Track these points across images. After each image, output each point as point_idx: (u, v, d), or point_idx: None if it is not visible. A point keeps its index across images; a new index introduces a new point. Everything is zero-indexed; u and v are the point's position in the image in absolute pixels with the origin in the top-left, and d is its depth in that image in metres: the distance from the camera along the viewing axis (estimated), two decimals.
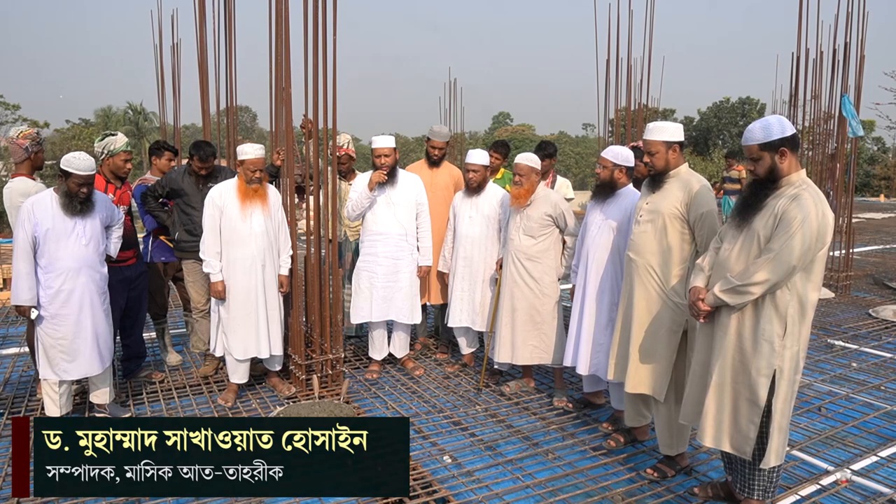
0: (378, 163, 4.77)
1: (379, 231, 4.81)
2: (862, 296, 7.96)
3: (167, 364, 5.25)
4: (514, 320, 4.41)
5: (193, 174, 4.81)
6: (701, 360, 2.99)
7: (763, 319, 2.71)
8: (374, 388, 4.80)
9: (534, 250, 4.35)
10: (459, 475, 3.48)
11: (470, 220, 4.85)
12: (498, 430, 4.08)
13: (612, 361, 3.63)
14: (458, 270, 4.92)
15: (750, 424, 2.73)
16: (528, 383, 4.75)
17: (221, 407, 4.39)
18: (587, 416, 4.29)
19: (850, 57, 7.84)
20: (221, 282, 4.32)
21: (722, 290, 2.77)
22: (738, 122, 46.77)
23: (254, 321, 4.36)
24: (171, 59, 7.20)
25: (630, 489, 3.35)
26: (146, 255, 5.11)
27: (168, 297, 5.43)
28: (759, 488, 2.89)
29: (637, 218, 3.47)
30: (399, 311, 4.86)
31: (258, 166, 4.31)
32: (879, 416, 4.28)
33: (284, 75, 4.48)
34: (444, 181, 5.31)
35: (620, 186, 3.94)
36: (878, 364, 5.37)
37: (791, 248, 2.59)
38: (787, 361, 2.69)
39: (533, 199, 4.36)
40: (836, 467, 3.55)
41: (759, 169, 2.77)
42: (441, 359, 5.40)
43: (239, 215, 4.30)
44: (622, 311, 3.57)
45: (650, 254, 3.37)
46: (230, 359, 4.44)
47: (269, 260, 4.41)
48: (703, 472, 3.54)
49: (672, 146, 3.34)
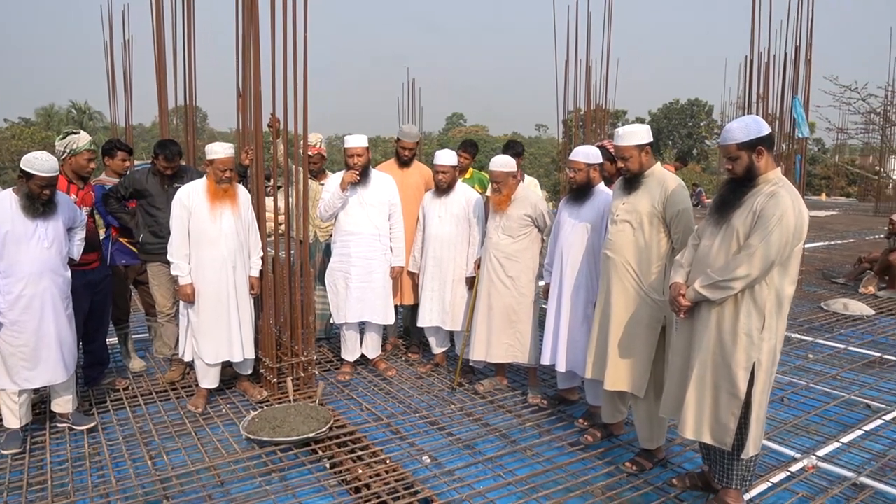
0: (350, 162, 4.73)
1: (352, 231, 4.77)
2: (813, 290, 8.27)
3: (130, 370, 5.10)
4: (491, 318, 4.43)
5: (158, 174, 4.68)
6: (681, 355, 3.06)
7: (742, 313, 2.79)
8: (348, 389, 4.76)
9: (511, 249, 4.38)
10: (440, 474, 3.48)
11: (440, 220, 4.85)
12: (475, 428, 4.10)
13: (589, 360, 3.68)
14: (428, 270, 4.92)
15: (730, 416, 2.81)
16: (501, 381, 4.78)
17: (191, 413, 4.29)
18: (562, 412, 4.34)
19: (801, 61, 8.14)
20: (190, 284, 4.22)
21: (702, 286, 2.84)
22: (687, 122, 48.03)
23: (225, 324, 4.27)
24: (122, 56, 7.02)
25: (609, 483, 3.40)
26: (106, 257, 4.96)
27: (130, 302, 5.27)
28: (737, 477, 2.97)
29: (613, 217, 3.53)
30: (373, 311, 4.83)
31: (228, 165, 4.22)
32: (838, 405, 4.45)
33: (253, 73, 4.40)
34: (415, 181, 5.30)
35: (595, 185, 4.01)
36: (833, 355, 5.59)
37: (769, 243, 2.68)
38: (766, 354, 2.78)
39: (513, 199, 4.40)
40: (803, 454, 3.69)
41: (737, 167, 2.85)
42: (413, 359, 5.39)
43: (208, 216, 4.21)
44: (600, 309, 3.62)
45: (628, 252, 3.43)
46: (200, 363, 4.34)
47: (240, 261, 4.33)
48: (679, 463, 3.63)
49: (644, 148, 3.42)
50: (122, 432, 4.00)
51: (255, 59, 4.38)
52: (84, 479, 3.41)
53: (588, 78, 8.43)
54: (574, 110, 8.76)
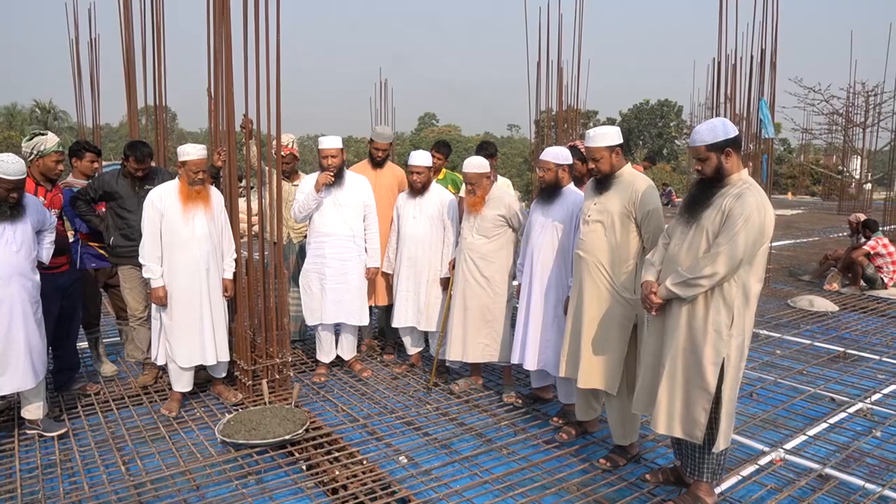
0: (325, 163, 4.72)
1: (326, 232, 4.76)
2: (780, 287, 8.46)
3: (102, 375, 5.03)
4: (466, 318, 4.46)
5: (129, 176, 4.63)
6: (653, 352, 3.12)
7: (712, 310, 2.86)
8: (323, 391, 4.75)
9: (486, 249, 4.41)
10: (417, 474, 3.50)
11: (414, 221, 4.87)
12: (451, 428, 4.13)
13: (563, 359, 3.72)
14: (403, 271, 4.93)
15: (701, 411, 2.87)
16: (477, 381, 4.81)
17: (165, 417, 4.24)
18: (537, 410, 4.39)
19: (766, 63, 8.31)
20: (163, 287, 4.18)
21: (673, 284, 2.90)
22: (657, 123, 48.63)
23: (198, 327, 4.23)
24: (88, 55, 6.90)
25: (584, 479, 3.45)
26: (76, 261, 4.88)
27: (100, 306, 5.20)
28: (708, 471, 3.04)
29: (585, 218, 3.58)
30: (349, 312, 4.83)
31: (201, 167, 4.19)
32: (804, 399, 4.57)
33: (225, 73, 4.37)
34: (388, 182, 5.31)
35: (564, 185, 4.06)
36: (799, 350, 5.73)
37: (737, 243, 2.75)
38: (734, 350, 2.85)
39: (487, 199, 4.43)
40: (771, 448, 3.78)
41: (707, 168, 2.92)
42: (388, 360, 5.40)
43: (181, 218, 4.17)
44: (572, 308, 3.67)
45: (599, 252, 3.48)
46: (173, 367, 4.29)
47: (213, 263, 4.29)
48: (652, 459, 3.69)
49: (614, 149, 3.47)
50: (94, 438, 3.95)
51: (227, 59, 4.35)
52: (55, 487, 3.36)
53: (560, 78, 8.52)
54: (546, 110, 8.84)
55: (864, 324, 6.66)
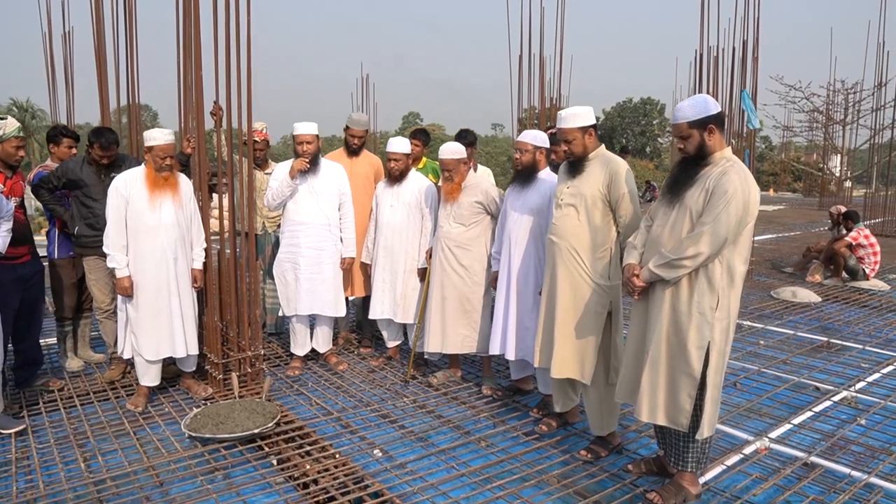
0: (300, 150, 4.58)
1: (301, 221, 4.61)
2: (763, 279, 8.42)
3: (67, 370, 4.84)
4: (444, 309, 4.33)
5: (94, 163, 4.46)
6: (635, 338, 3.01)
7: (696, 292, 2.75)
8: (297, 384, 4.60)
9: (463, 238, 4.29)
10: (392, 468, 3.37)
11: (391, 209, 4.73)
12: (428, 420, 4.00)
13: (537, 348, 3.61)
14: (379, 261, 4.79)
15: (686, 397, 2.77)
16: (456, 373, 4.69)
17: (131, 413, 4.08)
18: (517, 402, 4.27)
19: (748, 56, 8.27)
20: (128, 277, 4.01)
21: (657, 266, 2.79)
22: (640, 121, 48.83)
23: (166, 318, 4.07)
24: (62, 48, 6.68)
25: (564, 471, 3.34)
26: (52, 249, 4.71)
27: (78, 297, 4.94)
28: (692, 460, 2.94)
29: (558, 202, 3.47)
30: (323, 303, 4.68)
31: (168, 153, 4.03)
32: (788, 388, 4.50)
33: (194, 56, 4.21)
34: (364, 170, 5.16)
35: (540, 170, 3.94)
36: (783, 340, 5.67)
37: (721, 221, 2.65)
38: (719, 333, 2.75)
39: (464, 186, 4.31)
40: (756, 437, 3.69)
41: (689, 146, 2.82)
42: (365, 353, 5.26)
43: (147, 205, 4.01)
44: (545, 295, 3.55)
45: (572, 236, 3.37)
46: (140, 360, 4.13)
47: (181, 253, 4.13)
48: (634, 450, 3.59)
49: (587, 130, 3.36)
50: (55, 434, 3.78)
51: (196, 42, 4.19)
52: (9, 486, 3.19)
53: (542, 74, 8.44)
54: (527, 110, 8.75)
55: (847, 314, 6.62)
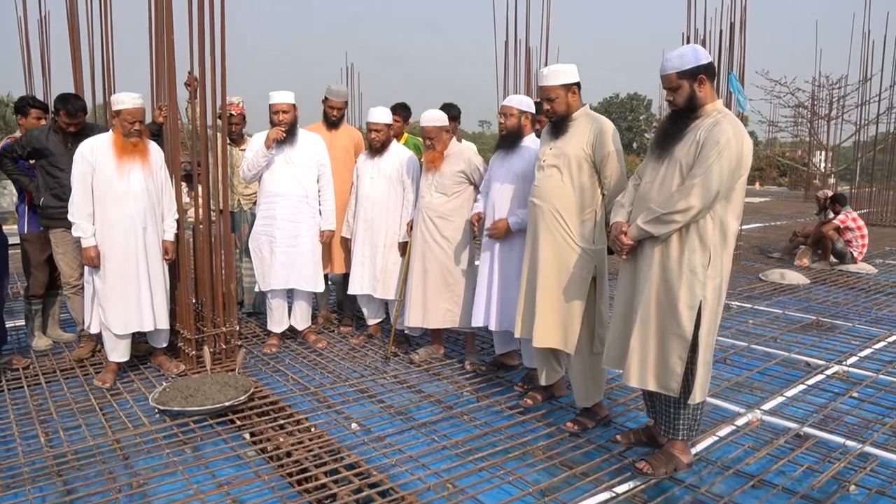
0: (276, 120, 4.41)
1: (277, 192, 4.45)
2: (751, 264, 8.35)
3: (34, 349, 4.65)
4: (426, 282, 4.18)
5: (60, 132, 4.27)
6: (623, 300, 2.88)
7: (687, 249, 2.62)
8: (274, 361, 4.44)
9: (446, 208, 4.14)
10: (370, 440, 3.22)
11: (371, 182, 4.57)
12: (409, 395, 3.85)
13: (518, 318, 3.46)
14: (359, 234, 4.63)
15: (676, 359, 2.64)
16: (438, 350, 4.54)
17: (99, 390, 3.90)
18: (501, 378, 4.13)
19: (735, 38, 8.18)
20: (94, 247, 3.82)
21: (645, 222, 2.66)
22: (627, 116, 48.92)
23: (134, 290, 3.89)
24: (38, 34, 6.44)
25: (550, 443, 3.21)
26: (22, 224, 4.51)
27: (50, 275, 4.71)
28: (683, 427, 2.80)
29: (540, 164, 3.33)
30: (300, 277, 4.51)
31: (137, 117, 3.85)
32: (778, 364, 4.39)
33: (166, 19, 4.03)
34: (344, 143, 5.00)
35: (525, 135, 3.81)
36: (772, 319, 5.58)
37: (713, 173, 2.52)
38: (711, 292, 2.62)
39: (446, 155, 4.16)
40: (748, 409, 3.58)
41: (679, 98, 2.69)
42: (346, 331, 5.10)
43: (115, 172, 3.83)
44: (527, 261, 3.41)
45: (555, 198, 3.24)
46: (108, 335, 3.95)
47: (151, 222, 3.96)
48: (622, 423, 3.46)
49: (570, 88, 3.23)
50: (16, 412, 3.59)
51: (168, 7, 4.01)
52: None
53: (528, 65, 8.31)
54: None
55: (836, 296, 6.55)
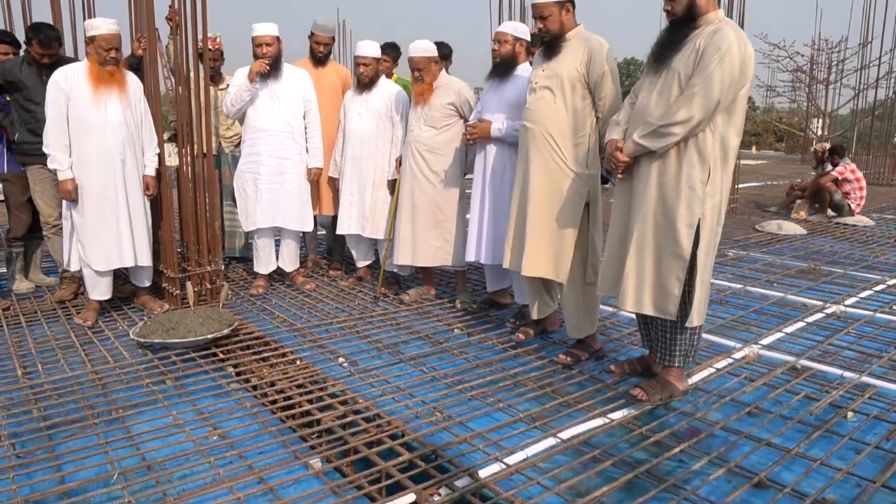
0: (259, 52, 4.24)
1: (262, 127, 4.29)
2: (747, 217, 8.25)
3: (15, 292, 4.53)
4: (415, 218, 4.06)
5: (34, 63, 4.09)
6: (619, 222, 2.77)
7: (686, 165, 2.51)
8: (261, 301, 4.34)
9: (435, 142, 4.01)
10: (357, 372, 3.14)
11: (359, 118, 4.42)
12: (398, 332, 3.76)
13: (507, 247, 3.36)
14: (347, 172, 4.49)
15: (674, 280, 2.54)
16: (429, 291, 4.44)
17: (80, 328, 3.79)
18: (493, 316, 4.04)
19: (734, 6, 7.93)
20: (72, 180, 3.68)
21: (642, 136, 2.54)
22: (624, 82, 48.28)
23: (114, 224, 3.76)
24: None
25: (541, 375, 3.13)
26: (0, 164, 4.35)
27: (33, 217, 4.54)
28: (679, 353, 2.72)
29: (532, 86, 3.20)
30: (286, 215, 4.38)
31: (112, 44, 3.68)
32: (774, 304, 4.31)
33: None
34: (331, 81, 4.82)
35: (519, 63, 3.66)
36: (768, 264, 5.49)
37: (714, 81, 2.39)
38: (710, 209, 2.51)
39: (435, 87, 4.01)
40: (744, 344, 3.50)
41: (677, 6, 2.55)
42: (335, 275, 4.99)
43: (90, 102, 3.67)
44: (518, 188, 3.29)
45: (548, 121, 3.11)
46: (89, 272, 3.83)
47: (130, 155, 3.81)
48: (615, 357, 3.38)
49: (564, 6, 3.09)
50: None
51: None
52: None
53: None
54: None
55: (832, 246, 6.46)
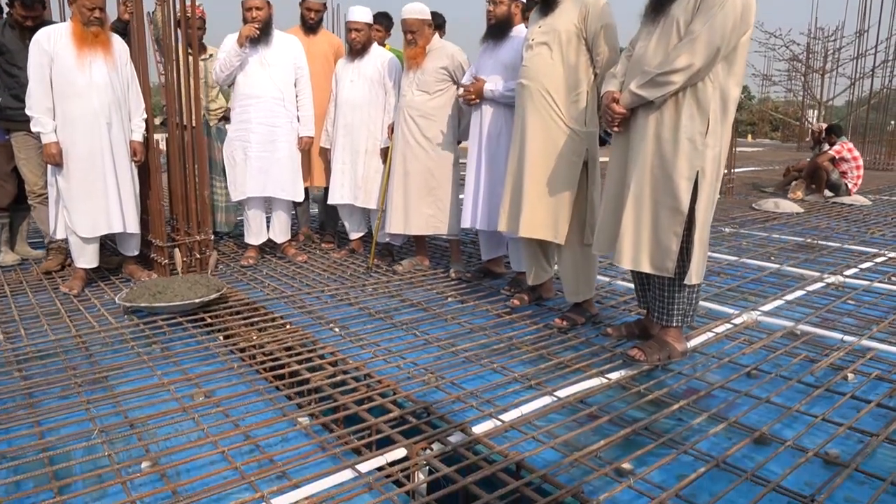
0: (249, 17, 4.14)
1: (252, 94, 4.20)
2: (744, 197, 8.19)
3: (1, 264, 4.44)
4: (408, 185, 3.98)
5: (17, 26, 3.99)
6: (615, 178, 2.70)
7: (684, 116, 2.43)
8: (251, 272, 4.26)
9: (428, 107, 3.92)
10: (347, 335, 3.07)
11: (351, 84, 4.33)
12: (390, 301, 3.69)
13: (503, 210, 3.28)
14: (339, 140, 4.40)
15: (672, 235, 2.47)
16: (422, 261, 4.37)
17: (66, 297, 3.71)
18: (487, 285, 3.97)
19: None
20: (56, 143, 3.59)
21: (639, 85, 2.46)
22: None
23: (101, 190, 3.68)
24: None
25: (537, 338, 3.06)
26: None
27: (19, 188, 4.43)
28: (678, 313, 2.65)
29: (529, 43, 3.13)
30: (277, 185, 4.29)
31: (97, 3, 3.57)
32: (772, 274, 4.26)
33: None
34: (323, 49, 4.72)
35: (515, 25, 3.57)
36: (765, 240, 5.43)
37: (715, 27, 2.32)
38: (710, 162, 2.44)
39: (428, 50, 3.92)
40: (743, 310, 3.44)
41: None
42: (327, 248, 4.91)
43: (75, 63, 3.58)
44: (515, 148, 3.21)
45: (545, 77, 3.03)
46: (75, 240, 3.75)
47: (117, 119, 3.72)
48: (612, 323, 3.31)
49: None
50: None
51: None
52: None
53: None
54: None
55: (829, 223, 6.40)
